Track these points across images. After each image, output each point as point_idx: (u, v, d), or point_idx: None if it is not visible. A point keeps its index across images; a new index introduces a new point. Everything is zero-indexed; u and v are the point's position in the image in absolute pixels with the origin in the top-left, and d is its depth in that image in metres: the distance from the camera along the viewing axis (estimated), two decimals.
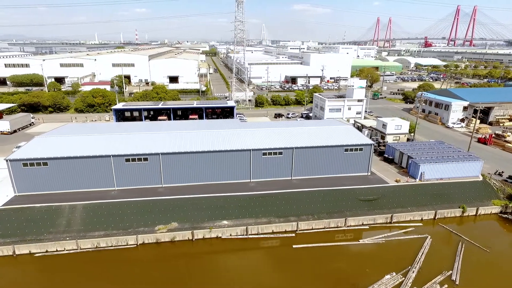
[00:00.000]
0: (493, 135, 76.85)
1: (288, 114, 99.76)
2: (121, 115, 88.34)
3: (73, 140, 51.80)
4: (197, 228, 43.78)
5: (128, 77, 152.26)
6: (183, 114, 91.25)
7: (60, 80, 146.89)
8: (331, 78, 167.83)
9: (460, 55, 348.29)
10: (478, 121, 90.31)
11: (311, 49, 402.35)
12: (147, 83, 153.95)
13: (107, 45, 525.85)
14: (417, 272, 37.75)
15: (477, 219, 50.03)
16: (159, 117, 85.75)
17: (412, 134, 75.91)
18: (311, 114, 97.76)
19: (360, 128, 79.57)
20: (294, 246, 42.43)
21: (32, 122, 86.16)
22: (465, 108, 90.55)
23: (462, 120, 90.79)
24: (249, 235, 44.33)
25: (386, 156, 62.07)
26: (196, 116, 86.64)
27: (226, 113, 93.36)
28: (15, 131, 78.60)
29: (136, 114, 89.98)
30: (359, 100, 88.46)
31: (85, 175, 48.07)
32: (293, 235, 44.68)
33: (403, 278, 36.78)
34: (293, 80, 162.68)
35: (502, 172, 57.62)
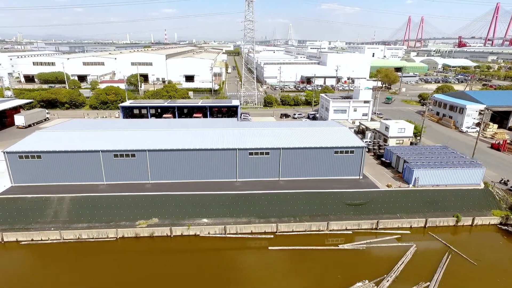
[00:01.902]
0: (508, 141, 71.86)
1: (295, 114, 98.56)
2: (129, 112, 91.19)
3: (69, 135, 54.11)
4: (177, 225, 44.32)
5: (145, 76, 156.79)
6: (189, 112, 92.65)
7: (83, 78, 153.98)
8: (348, 79, 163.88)
9: (496, 55, 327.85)
10: (496, 125, 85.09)
11: (338, 49, 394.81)
12: (163, 82, 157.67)
13: (137, 45, 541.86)
14: (392, 281, 36.12)
15: (472, 229, 46.99)
16: (164, 115, 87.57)
17: (419, 137, 72.67)
18: (318, 115, 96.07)
19: (364, 130, 77.18)
20: (270, 248, 41.91)
21: (47, 117, 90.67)
22: (481, 112, 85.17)
23: (478, 125, 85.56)
24: (227, 234, 44.27)
25: (384, 159, 59.80)
26: (201, 115, 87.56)
27: (232, 112, 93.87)
28: (29, 126, 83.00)
29: (144, 111, 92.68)
30: (365, 102, 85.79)
31: (76, 168, 49.97)
32: (272, 236, 44.11)
33: (375, 287, 35.38)
34: (308, 80, 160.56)
35: (508, 180, 53.74)
